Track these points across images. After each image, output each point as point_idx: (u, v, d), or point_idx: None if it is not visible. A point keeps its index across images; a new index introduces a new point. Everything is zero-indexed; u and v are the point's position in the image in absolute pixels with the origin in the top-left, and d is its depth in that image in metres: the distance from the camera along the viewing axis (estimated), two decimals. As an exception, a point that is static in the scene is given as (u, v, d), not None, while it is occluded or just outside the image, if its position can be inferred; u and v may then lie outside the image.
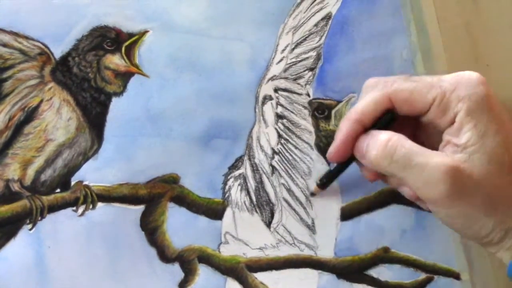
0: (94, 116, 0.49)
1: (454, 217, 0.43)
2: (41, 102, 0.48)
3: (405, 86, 0.45)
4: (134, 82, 0.50)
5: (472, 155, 0.42)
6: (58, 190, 0.48)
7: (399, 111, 0.45)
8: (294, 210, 0.51)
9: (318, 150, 0.52)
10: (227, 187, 0.50)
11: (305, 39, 0.53)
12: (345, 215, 0.51)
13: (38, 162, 0.48)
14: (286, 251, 0.50)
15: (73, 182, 0.48)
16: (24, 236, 0.47)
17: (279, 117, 0.52)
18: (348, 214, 0.51)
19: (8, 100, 0.48)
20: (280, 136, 0.51)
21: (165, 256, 0.49)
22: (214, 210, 0.50)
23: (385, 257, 0.51)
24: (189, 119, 0.50)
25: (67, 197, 0.48)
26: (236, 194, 0.50)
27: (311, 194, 0.51)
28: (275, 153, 0.51)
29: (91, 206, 0.48)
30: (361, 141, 0.46)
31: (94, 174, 0.48)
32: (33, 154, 0.48)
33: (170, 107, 0.50)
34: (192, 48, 0.51)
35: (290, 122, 0.52)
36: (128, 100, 0.50)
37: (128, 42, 0.50)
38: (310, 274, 0.50)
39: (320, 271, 0.50)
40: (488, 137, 0.42)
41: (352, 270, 0.51)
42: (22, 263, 0.46)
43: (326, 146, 0.50)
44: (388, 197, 0.52)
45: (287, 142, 0.51)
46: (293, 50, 0.52)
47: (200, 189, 0.50)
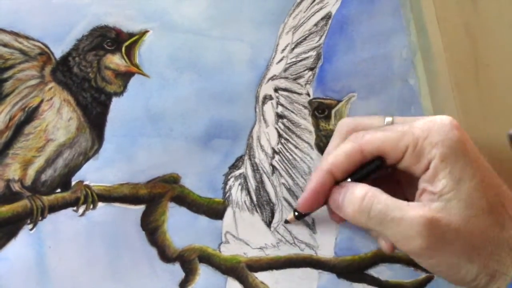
0: (94, 116, 0.49)
1: (437, 266, 0.43)
2: (41, 102, 0.48)
3: (376, 136, 0.44)
4: (134, 82, 0.50)
5: (448, 203, 0.42)
6: (59, 190, 0.48)
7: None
8: (294, 209, 0.51)
9: (318, 150, 0.52)
10: (228, 187, 0.50)
11: (305, 39, 0.53)
12: (345, 215, 0.51)
13: (39, 162, 0.48)
14: (286, 251, 0.50)
15: (73, 182, 0.48)
16: (24, 236, 0.47)
17: (279, 116, 0.52)
18: (348, 213, 0.52)
19: (8, 100, 0.48)
20: (280, 135, 0.51)
21: (165, 256, 0.49)
22: (214, 210, 0.50)
23: (385, 256, 0.51)
24: (189, 119, 0.50)
25: (68, 197, 0.48)
26: (236, 193, 0.50)
27: (285, 222, 0.50)
28: (276, 152, 0.51)
29: (92, 206, 0.48)
30: (336, 192, 0.45)
31: (95, 174, 0.48)
32: (33, 154, 0.48)
33: (171, 107, 0.50)
34: (192, 48, 0.51)
35: (290, 121, 0.52)
36: (128, 100, 0.50)
37: (128, 42, 0.50)
38: (310, 274, 0.50)
39: (320, 271, 0.51)
40: (464, 182, 0.42)
41: (352, 269, 0.51)
42: (23, 263, 0.46)
43: (326, 145, 0.50)
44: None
45: (288, 142, 0.51)
46: (293, 49, 0.52)
47: (200, 189, 0.50)
